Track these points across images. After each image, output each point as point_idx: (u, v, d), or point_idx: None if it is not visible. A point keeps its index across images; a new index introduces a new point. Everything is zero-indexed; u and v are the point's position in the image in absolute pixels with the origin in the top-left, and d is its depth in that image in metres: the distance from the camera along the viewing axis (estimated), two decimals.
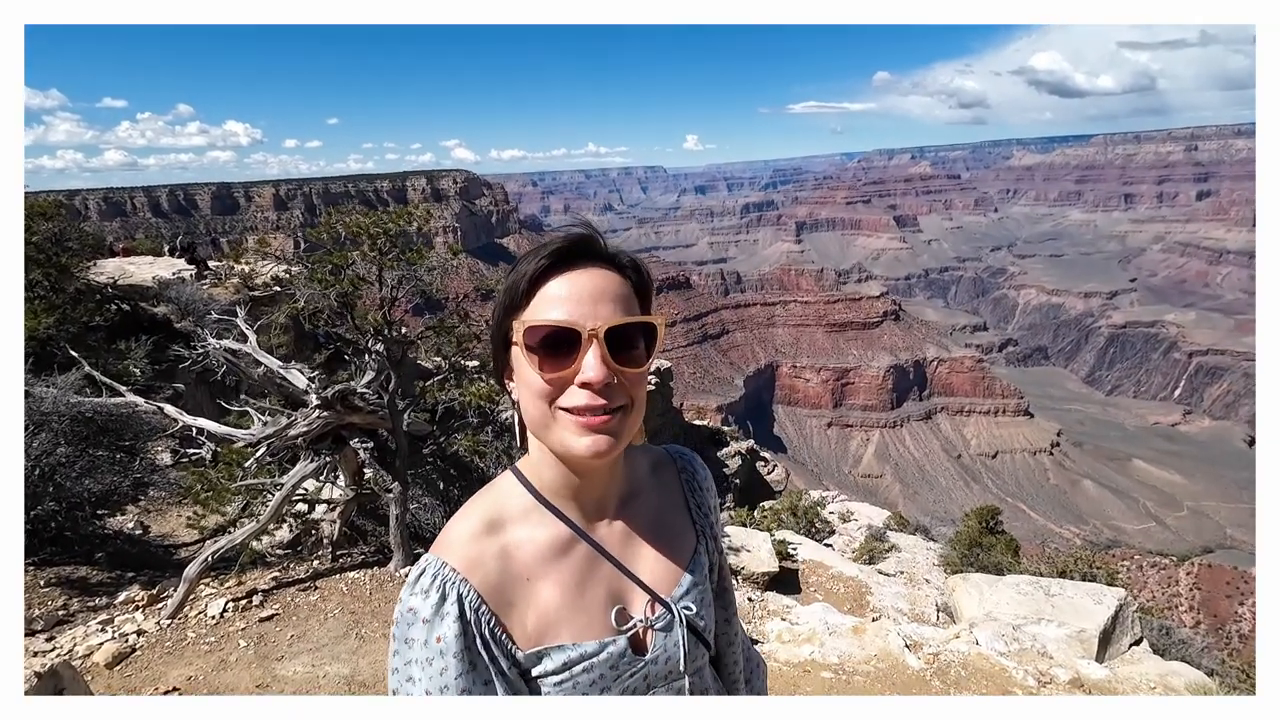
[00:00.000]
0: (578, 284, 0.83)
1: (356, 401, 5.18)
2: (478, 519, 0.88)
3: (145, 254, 22.33)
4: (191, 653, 4.23)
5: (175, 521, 7.43)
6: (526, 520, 0.89)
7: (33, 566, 5.33)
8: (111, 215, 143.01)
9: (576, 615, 0.88)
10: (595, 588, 0.90)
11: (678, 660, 0.93)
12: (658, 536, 0.98)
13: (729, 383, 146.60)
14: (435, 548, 0.87)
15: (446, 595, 0.80)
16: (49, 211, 15.46)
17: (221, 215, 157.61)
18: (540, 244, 0.86)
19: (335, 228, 5.13)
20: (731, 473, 27.73)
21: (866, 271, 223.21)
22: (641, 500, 1.00)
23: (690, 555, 1.01)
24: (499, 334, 0.89)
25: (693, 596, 0.97)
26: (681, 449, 1.13)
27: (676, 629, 0.93)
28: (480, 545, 0.85)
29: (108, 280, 15.78)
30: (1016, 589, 7.44)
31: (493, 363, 0.94)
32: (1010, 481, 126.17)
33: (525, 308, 0.84)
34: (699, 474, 1.10)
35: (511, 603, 0.84)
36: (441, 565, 0.82)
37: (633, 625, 0.91)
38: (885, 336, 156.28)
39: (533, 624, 0.85)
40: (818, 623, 5.84)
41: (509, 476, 0.94)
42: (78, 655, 4.12)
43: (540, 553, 0.88)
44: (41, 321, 11.25)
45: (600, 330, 0.81)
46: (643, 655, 0.91)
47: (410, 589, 0.82)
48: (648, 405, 1.03)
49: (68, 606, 4.89)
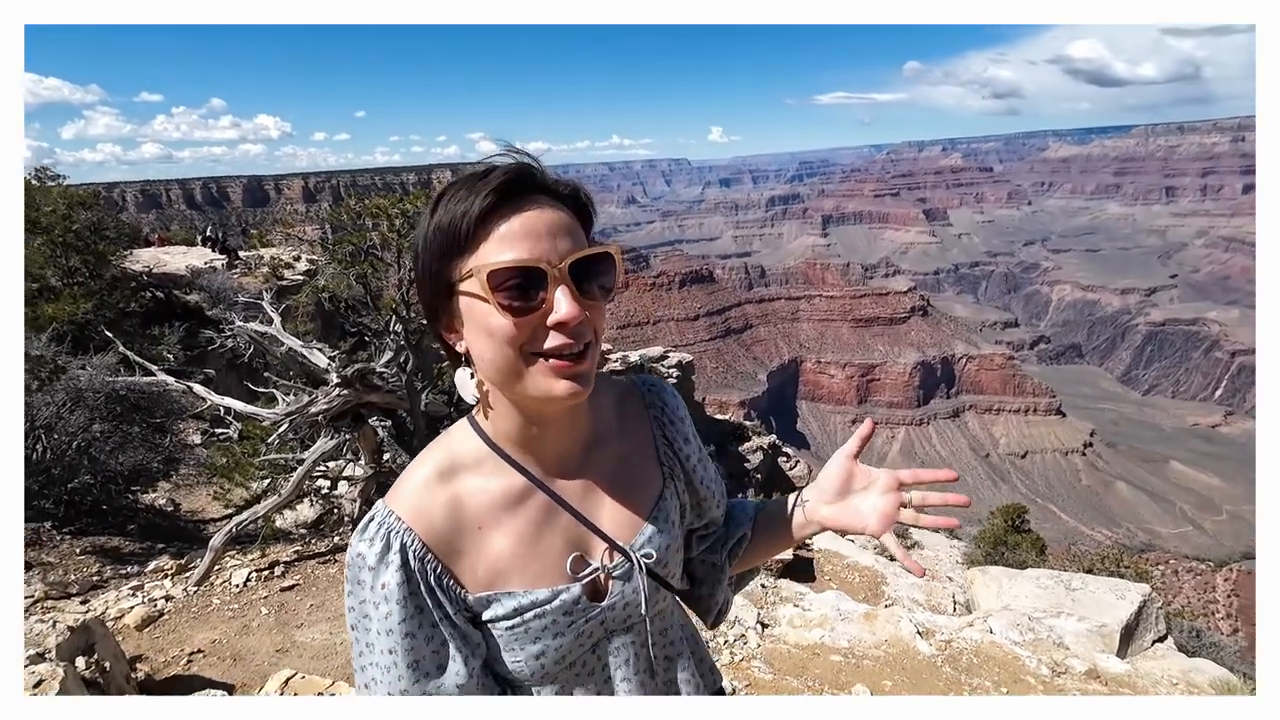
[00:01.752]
0: (531, 219, 0.78)
1: (375, 381, 5.29)
2: (430, 467, 0.87)
3: (179, 244, 23.06)
4: (216, 618, 4.39)
5: (204, 499, 7.68)
6: (480, 469, 0.88)
7: (70, 535, 5.58)
8: (148, 207, 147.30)
9: (529, 564, 0.87)
10: (551, 537, 0.89)
11: (637, 605, 0.93)
12: (619, 483, 0.96)
13: (752, 377, 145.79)
14: (387, 496, 0.86)
15: (390, 544, 0.80)
16: (88, 201, 16.01)
17: (252, 207, 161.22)
18: (468, 177, 0.80)
19: (355, 209, 5.24)
20: (753, 467, 27.62)
21: (894, 266, 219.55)
22: (605, 446, 0.96)
23: (654, 500, 0.98)
24: (436, 283, 0.82)
25: (655, 543, 0.95)
26: (651, 379, 1.08)
27: (636, 575, 0.92)
28: (430, 494, 0.85)
29: (143, 269, 16.32)
30: (1036, 582, 7.31)
31: (426, 316, 0.88)
32: (1040, 482, 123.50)
33: (473, 250, 0.78)
34: (669, 404, 1.05)
35: (460, 551, 0.84)
36: (388, 514, 0.83)
37: (589, 572, 0.89)
38: (912, 332, 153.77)
39: (483, 571, 0.85)
40: (829, 609, 5.82)
41: (463, 425, 0.92)
42: (110, 617, 4.30)
43: (493, 502, 0.87)
44: (80, 306, 11.67)
45: (565, 266, 0.77)
46: (599, 602, 0.90)
47: (359, 535, 0.83)
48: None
49: (101, 573, 5.10)
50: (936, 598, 7.40)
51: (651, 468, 1.01)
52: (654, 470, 1.01)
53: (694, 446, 1.07)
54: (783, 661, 4.60)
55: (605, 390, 1.01)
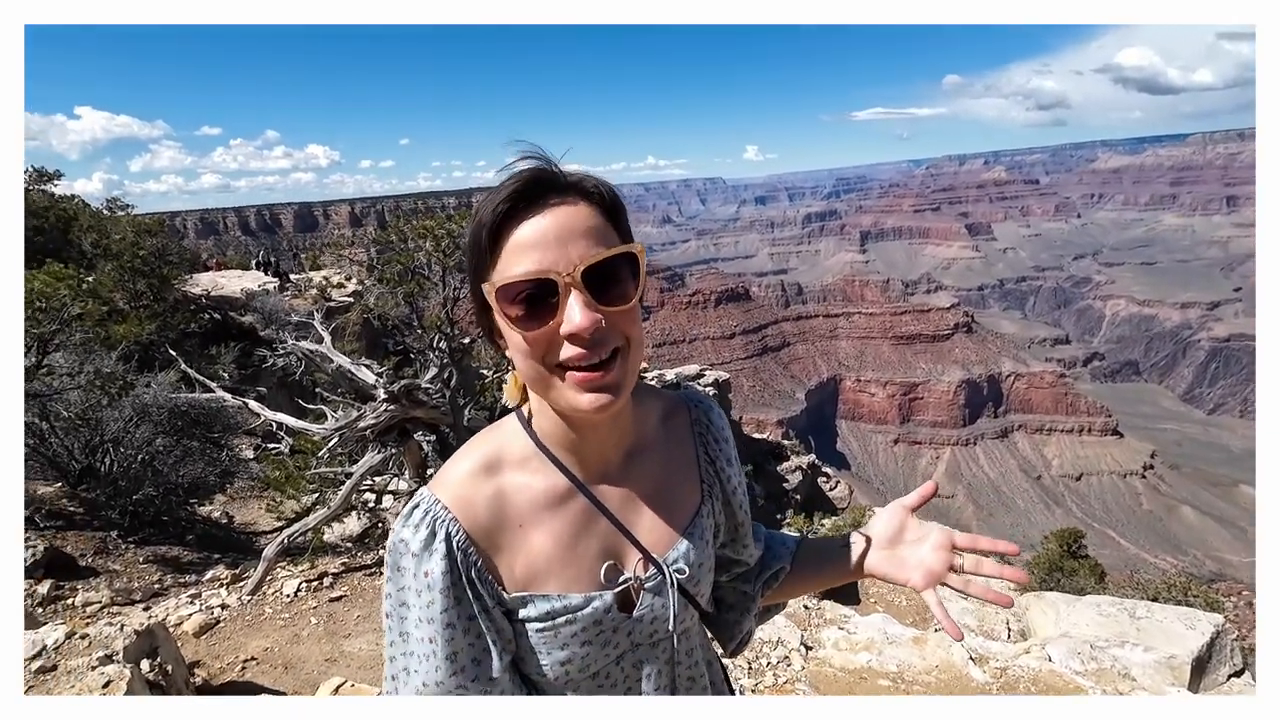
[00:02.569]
0: (541, 226, 0.75)
1: (420, 396, 5.43)
2: (477, 459, 0.87)
3: (235, 268, 24.19)
4: (269, 626, 4.52)
5: (256, 511, 7.94)
6: (525, 467, 0.87)
7: (134, 544, 5.84)
8: (206, 234, 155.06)
9: (566, 567, 0.86)
10: (588, 542, 0.88)
11: (665, 620, 0.91)
12: (659, 495, 0.94)
13: (790, 396, 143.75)
14: (432, 483, 0.86)
15: (435, 532, 0.80)
16: (154, 229, 16.97)
17: (303, 232, 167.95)
18: (494, 189, 0.78)
19: (403, 230, 5.42)
20: (792, 488, 27.12)
21: (936, 282, 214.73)
22: (647, 455, 0.95)
23: (691, 516, 0.96)
24: (476, 297, 0.83)
25: (688, 559, 0.93)
26: (699, 395, 1.06)
27: (667, 590, 0.91)
28: (475, 486, 0.84)
29: (202, 292, 17.16)
30: (1098, 609, 6.95)
31: (480, 328, 0.88)
32: (1097, 506, 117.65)
33: (493, 266, 0.77)
34: (715, 423, 1.03)
35: (500, 547, 0.84)
36: (434, 502, 0.82)
37: (623, 582, 0.88)
38: (956, 349, 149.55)
39: (521, 570, 0.85)
40: (876, 632, 5.64)
41: (513, 420, 0.91)
42: (170, 624, 4.47)
43: (535, 500, 0.86)
44: (145, 327, 12.33)
45: (576, 273, 0.74)
46: (629, 613, 0.89)
47: (403, 521, 0.82)
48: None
49: (162, 581, 5.32)
50: (989, 623, 7.10)
51: (691, 483, 0.99)
52: (694, 486, 0.99)
53: (735, 470, 1.05)
54: (829, 685, 4.48)
55: (652, 400, 1.00)
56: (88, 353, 6.52)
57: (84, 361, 6.17)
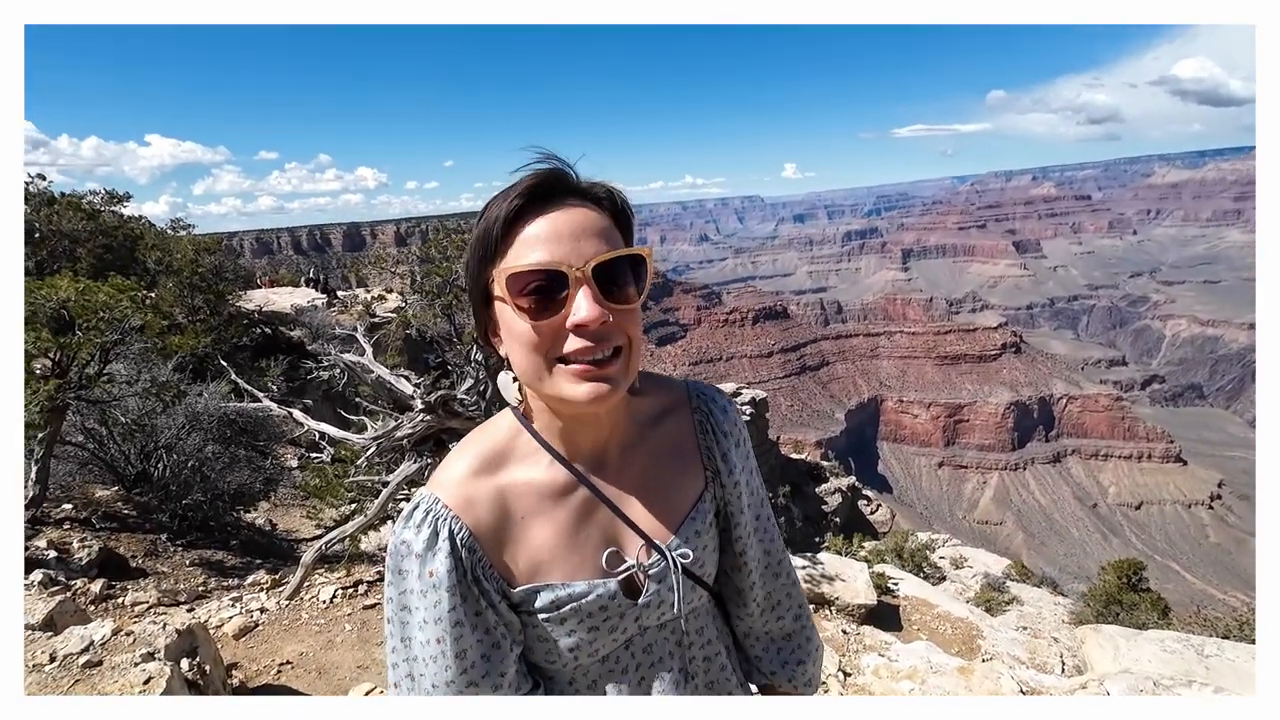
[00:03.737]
0: (556, 222, 0.78)
1: (456, 407, 5.49)
2: (474, 456, 0.87)
3: (286, 285, 25.21)
4: (304, 631, 4.58)
5: (298, 519, 8.14)
6: (524, 461, 0.88)
7: (181, 547, 6.03)
8: (261, 253, 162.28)
9: (569, 556, 0.87)
10: (590, 531, 0.89)
11: (671, 604, 0.92)
12: (658, 483, 0.95)
13: (829, 416, 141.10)
14: (431, 484, 0.86)
15: (438, 531, 0.81)
16: (213, 248, 17.85)
17: (351, 251, 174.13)
18: (507, 186, 0.81)
19: (442, 244, 5.53)
20: (831, 510, 26.49)
21: (982, 300, 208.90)
22: (644, 446, 0.96)
23: (693, 502, 0.97)
24: (477, 290, 0.84)
25: (690, 543, 0.94)
26: (704, 387, 1.05)
27: (670, 574, 0.91)
28: (475, 483, 0.85)
29: (255, 307, 17.91)
30: (1161, 645, 6.53)
31: (474, 322, 0.89)
32: (1159, 537, 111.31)
33: (502, 255, 0.79)
34: (716, 415, 1.02)
35: (503, 542, 0.85)
36: (435, 501, 0.83)
37: (625, 569, 0.89)
38: (1004, 370, 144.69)
39: (524, 563, 0.85)
40: (919, 660, 5.41)
41: (507, 415, 0.92)
42: (211, 625, 4.58)
43: (536, 493, 0.87)
44: (201, 340, 12.90)
45: (588, 268, 0.77)
46: (634, 599, 0.90)
47: (404, 523, 0.83)
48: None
49: (206, 584, 5.47)
50: (1041, 656, 6.73)
51: (694, 471, 0.99)
52: (696, 474, 0.99)
53: (740, 465, 1.02)
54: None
55: (654, 390, 1.01)
56: (145, 362, 6.83)
57: (141, 370, 6.46)
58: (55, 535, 5.25)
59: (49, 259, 14.57)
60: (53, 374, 5.32)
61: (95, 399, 5.76)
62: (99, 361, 5.76)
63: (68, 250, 15.03)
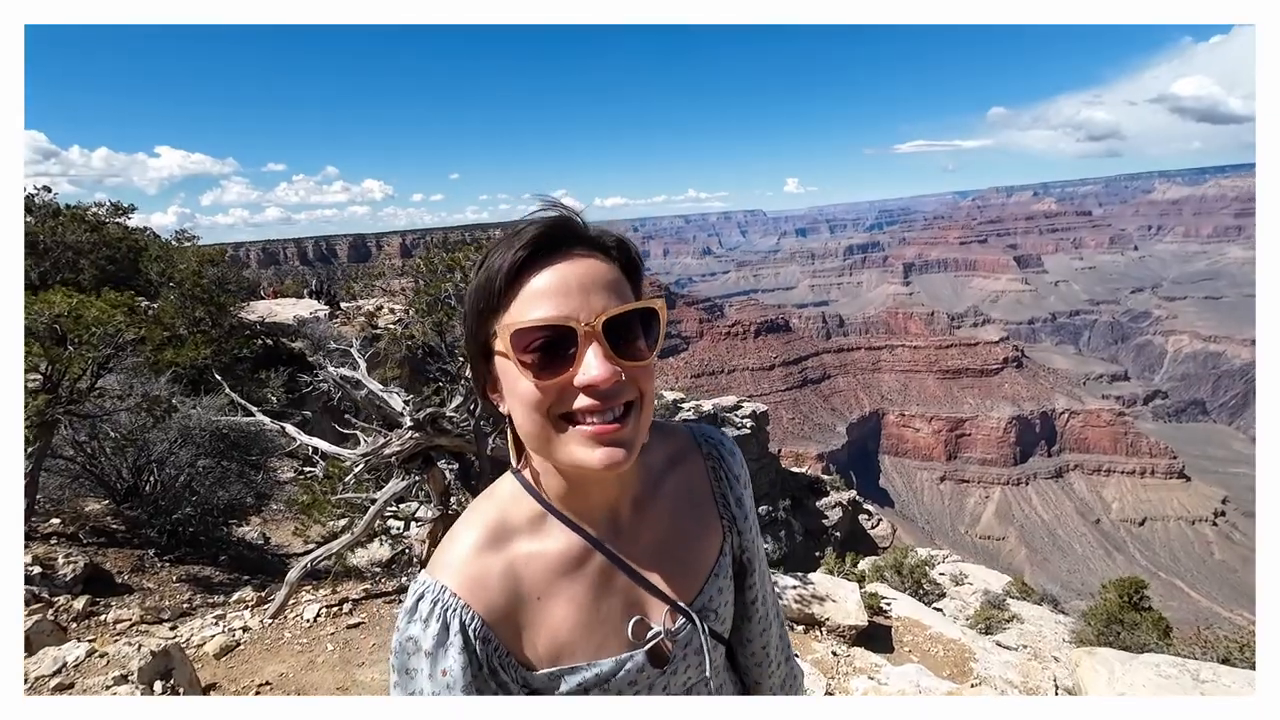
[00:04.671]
0: (564, 274, 0.73)
1: (445, 424, 5.49)
2: (480, 532, 0.80)
3: (290, 296, 25.31)
4: (286, 651, 4.55)
5: (291, 533, 8.10)
6: (534, 532, 0.82)
7: (169, 563, 6.01)
8: (267, 263, 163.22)
9: (592, 633, 0.81)
10: (610, 600, 0.83)
11: (698, 666, 0.87)
12: (677, 540, 0.90)
13: (830, 429, 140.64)
14: (433, 567, 0.79)
15: (449, 624, 0.74)
16: (216, 259, 17.96)
17: (357, 262, 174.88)
18: (510, 233, 0.75)
19: (433, 261, 5.57)
20: (832, 524, 26.32)
21: (983, 315, 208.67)
22: (659, 500, 0.90)
23: (715, 557, 0.92)
24: (475, 344, 0.78)
25: (715, 602, 0.90)
26: (709, 430, 1.01)
27: (698, 637, 0.87)
28: (484, 563, 0.78)
29: (258, 318, 17.98)
30: (1157, 670, 6.44)
31: (472, 377, 0.83)
32: (1163, 553, 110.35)
33: (505, 309, 0.74)
34: (727, 460, 0.98)
35: (521, 626, 0.78)
36: (441, 589, 0.76)
37: (652, 637, 0.84)
38: (1006, 385, 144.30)
39: (544, 646, 0.79)
40: (908, 684, 5.35)
41: (511, 482, 0.85)
42: (193, 644, 4.55)
43: (550, 567, 0.81)
44: (201, 352, 12.94)
45: (598, 323, 0.71)
46: (661, 667, 0.84)
47: (408, 617, 0.75)
48: (742, 449, 0.99)
49: (192, 601, 5.44)
50: (1034, 679, 6.65)
51: (712, 523, 0.95)
52: (715, 525, 0.95)
53: (750, 504, 1.00)
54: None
55: (659, 437, 0.95)
56: (138, 376, 6.84)
57: (133, 385, 6.48)
58: (41, 551, 5.24)
59: (52, 270, 14.66)
60: (43, 388, 5.33)
61: (86, 413, 5.77)
62: (90, 376, 5.78)
63: (71, 262, 15.13)
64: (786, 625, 1.12)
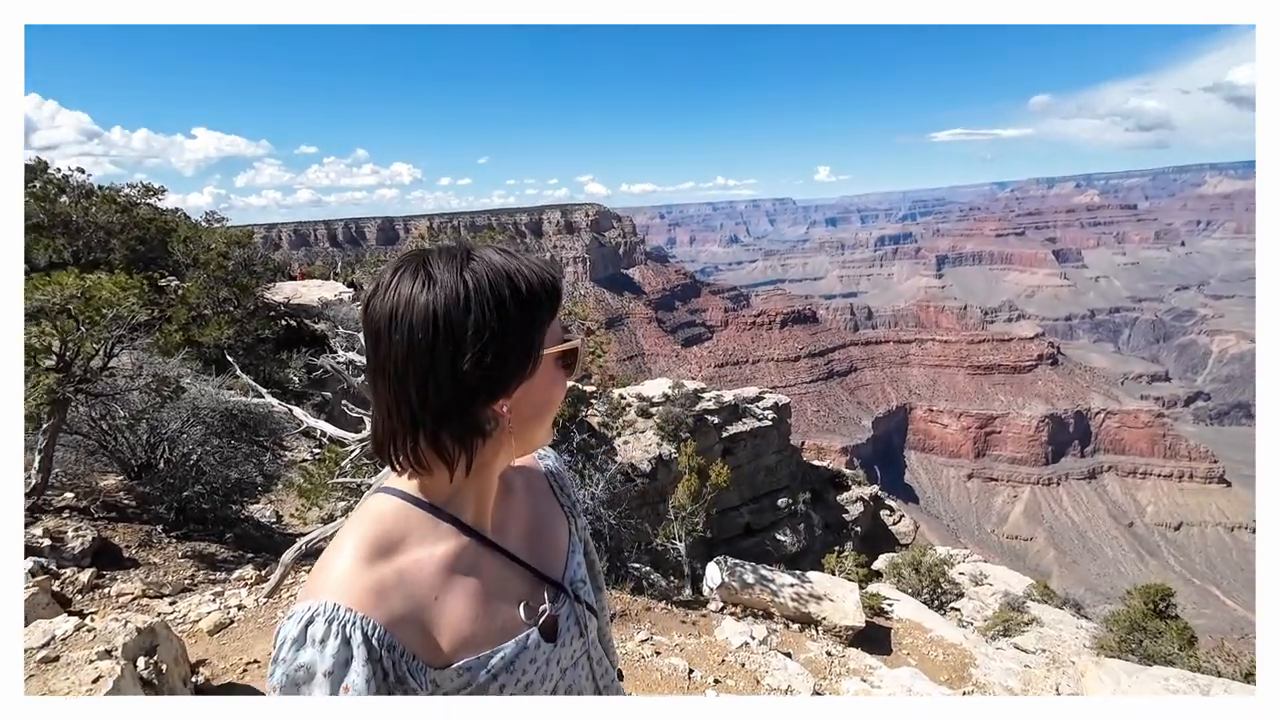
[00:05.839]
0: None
1: None
2: (362, 547, 0.81)
3: (317, 278, 25.77)
4: None
5: (290, 515, 8.28)
6: (420, 539, 0.84)
7: (176, 539, 6.18)
8: (298, 245, 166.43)
9: (491, 621, 0.86)
10: (500, 587, 0.90)
11: (582, 638, 0.98)
12: (538, 526, 1.02)
13: (855, 423, 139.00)
14: (315, 591, 0.77)
15: (350, 638, 0.73)
16: (243, 241, 18.35)
17: (384, 245, 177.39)
18: (539, 267, 0.85)
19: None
20: (852, 519, 26.05)
21: (1018, 310, 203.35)
22: (515, 495, 1.01)
23: (568, 536, 1.06)
24: (520, 344, 0.81)
25: (579, 573, 1.03)
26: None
27: (574, 608, 0.98)
28: (376, 573, 0.79)
29: (283, 300, 18.33)
30: (1165, 684, 6.26)
31: (500, 374, 0.81)
32: (1199, 559, 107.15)
33: (548, 327, 0.85)
34: (550, 456, 1.15)
35: (423, 627, 0.80)
36: (334, 608, 0.75)
37: (542, 613, 0.92)
38: (1039, 382, 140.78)
39: (449, 643, 0.82)
40: (900, 689, 5.26)
41: (384, 499, 0.87)
42: (189, 620, 4.68)
43: (442, 566, 0.84)
44: (224, 332, 13.25)
45: (585, 346, 0.92)
46: (553, 641, 0.92)
47: (295, 646, 0.72)
48: (762, 441, 1.09)
49: (194, 577, 5.59)
50: (1037, 688, 6.50)
51: (555, 508, 1.08)
52: (557, 510, 1.09)
53: (575, 498, 1.17)
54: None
55: None
56: (150, 356, 7.02)
57: (144, 365, 6.64)
58: (52, 524, 5.42)
59: (84, 250, 15.14)
60: (56, 367, 5.50)
61: (98, 393, 5.94)
62: (103, 356, 5.94)
63: (103, 242, 15.59)
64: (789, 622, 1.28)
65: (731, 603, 6.51)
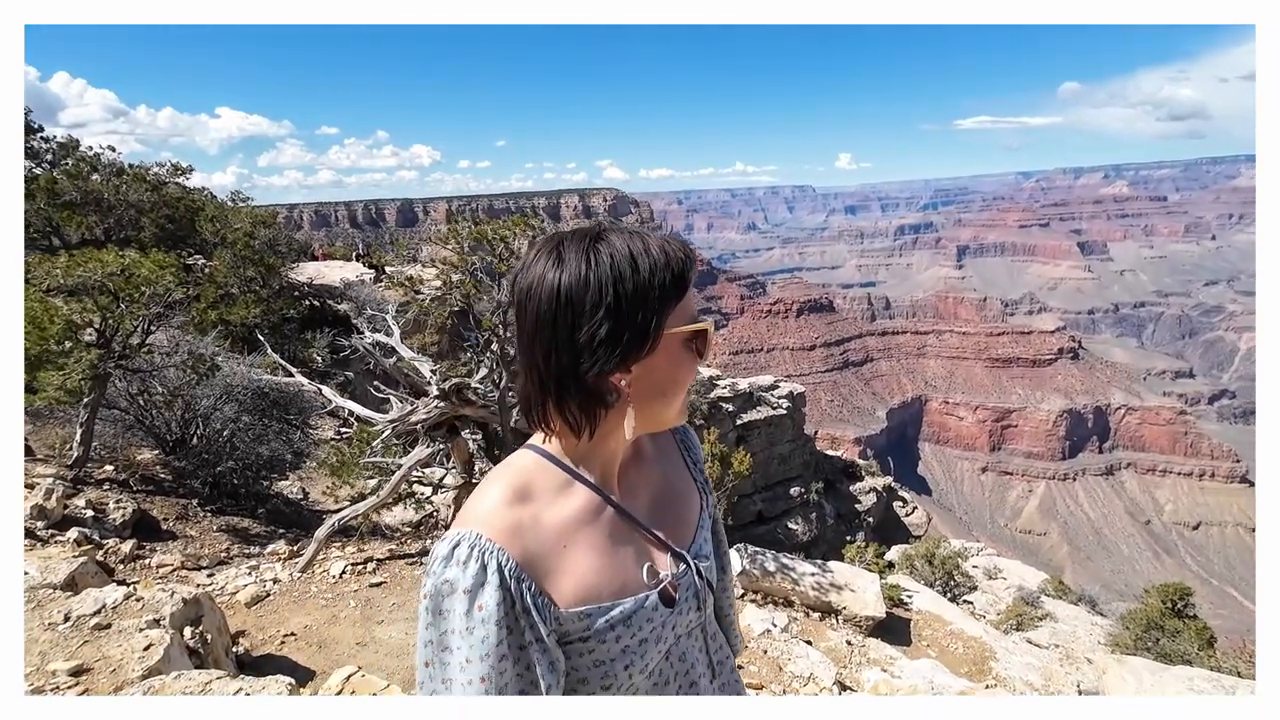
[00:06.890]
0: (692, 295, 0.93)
1: (470, 395, 5.58)
2: (506, 489, 0.89)
3: (339, 258, 25.98)
4: (312, 604, 4.77)
5: (322, 492, 8.43)
6: (556, 494, 0.92)
7: (211, 513, 6.34)
8: (319, 225, 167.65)
9: (614, 577, 0.91)
10: (625, 548, 0.95)
11: (698, 611, 1.02)
12: (670, 496, 1.06)
13: (870, 414, 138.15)
14: (465, 520, 0.86)
15: (486, 564, 0.81)
16: (269, 221, 18.50)
17: (404, 227, 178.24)
18: (662, 242, 0.89)
19: (459, 231, 5.60)
20: (865, 509, 25.99)
21: (1040, 303, 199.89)
22: (647, 464, 1.06)
23: (699, 510, 1.10)
24: (646, 323, 0.85)
25: (705, 549, 1.06)
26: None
27: (695, 581, 1.00)
28: (514, 514, 0.87)
29: (306, 280, 18.51)
30: (1190, 684, 6.20)
31: (610, 349, 0.85)
32: (1217, 560, 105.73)
33: (676, 306, 0.88)
34: (690, 435, 1.19)
35: (550, 570, 0.86)
36: (477, 536, 0.83)
37: (663, 578, 0.96)
38: (1059, 376, 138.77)
39: (571, 589, 0.87)
40: (921, 680, 5.28)
41: (526, 453, 0.96)
42: (226, 592, 4.81)
43: (572, 519, 0.91)
44: (251, 311, 13.42)
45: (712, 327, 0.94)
46: (671, 607, 0.96)
47: (445, 562, 0.81)
48: (776, 430, 1.08)
49: (229, 550, 5.74)
50: (1056, 684, 6.49)
51: (688, 483, 1.12)
52: (690, 485, 1.12)
53: (707, 477, 1.20)
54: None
55: None
56: (185, 334, 7.14)
57: (180, 343, 6.77)
58: (94, 495, 5.58)
59: (116, 227, 15.39)
60: (97, 343, 5.62)
61: (136, 369, 6.07)
62: (141, 333, 6.06)
63: (133, 220, 15.83)
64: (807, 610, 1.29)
65: (752, 590, 6.55)
